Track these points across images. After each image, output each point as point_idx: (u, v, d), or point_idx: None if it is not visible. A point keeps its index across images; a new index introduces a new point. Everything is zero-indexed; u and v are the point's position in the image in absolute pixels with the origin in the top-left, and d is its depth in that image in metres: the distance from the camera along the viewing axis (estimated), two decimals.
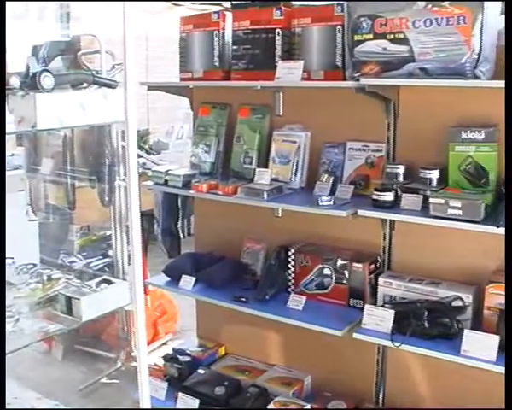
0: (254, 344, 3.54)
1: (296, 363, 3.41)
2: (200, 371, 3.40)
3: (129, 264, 4.12)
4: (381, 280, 2.88)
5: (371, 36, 2.62)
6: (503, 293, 2.56)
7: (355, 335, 2.71)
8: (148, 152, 7.24)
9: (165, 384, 3.32)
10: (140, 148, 5.55)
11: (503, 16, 2.76)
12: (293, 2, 3.06)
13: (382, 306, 2.79)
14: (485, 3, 2.41)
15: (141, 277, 2.26)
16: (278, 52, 2.97)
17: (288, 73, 2.83)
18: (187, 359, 3.51)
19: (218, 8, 3.38)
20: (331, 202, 2.72)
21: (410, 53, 2.54)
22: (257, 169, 3.06)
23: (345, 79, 2.77)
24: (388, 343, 2.64)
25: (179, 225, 3.78)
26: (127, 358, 4.27)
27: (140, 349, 2.29)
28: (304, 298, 2.95)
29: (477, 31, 2.43)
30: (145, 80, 3.80)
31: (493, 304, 2.60)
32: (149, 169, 3.47)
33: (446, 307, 2.66)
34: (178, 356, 3.52)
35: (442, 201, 2.48)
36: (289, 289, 3.11)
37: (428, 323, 2.61)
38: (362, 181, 2.89)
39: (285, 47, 2.98)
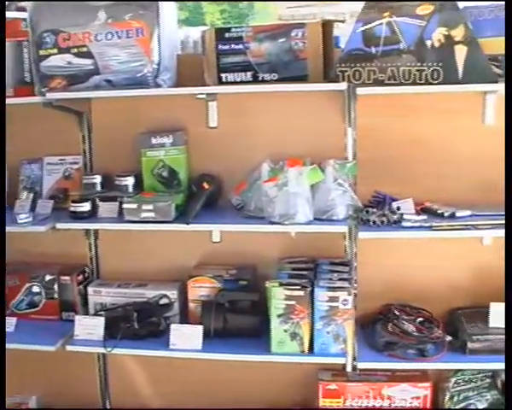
0: None
1: (19, 388, 3.25)
2: None
3: None
4: (90, 290, 2.93)
5: (56, 50, 2.63)
6: (204, 285, 2.79)
7: (68, 347, 2.72)
8: None
9: None
10: None
11: (183, 29, 2.96)
12: None
13: (94, 314, 2.84)
14: (161, 18, 2.56)
15: None
16: None
17: None
18: None
19: None
20: (30, 219, 2.69)
21: (95, 66, 2.61)
22: None
23: (34, 95, 2.76)
24: (102, 350, 2.70)
25: None
26: None
27: None
28: (15, 319, 2.86)
29: (155, 43, 2.57)
30: None
31: (196, 297, 2.78)
32: None
33: (153, 307, 2.79)
34: None
35: (135, 205, 2.58)
36: None
37: (138, 324, 2.72)
38: (61, 194, 2.91)
39: None
